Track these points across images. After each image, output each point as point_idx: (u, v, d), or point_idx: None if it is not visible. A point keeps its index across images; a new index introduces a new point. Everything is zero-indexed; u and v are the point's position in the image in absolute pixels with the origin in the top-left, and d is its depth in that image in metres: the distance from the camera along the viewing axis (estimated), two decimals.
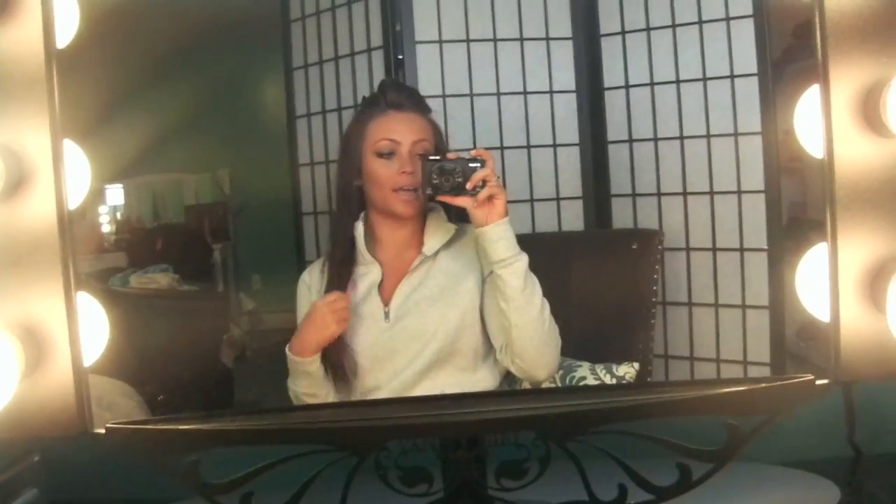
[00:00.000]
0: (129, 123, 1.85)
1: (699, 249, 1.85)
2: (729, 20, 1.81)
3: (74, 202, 1.49)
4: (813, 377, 1.47)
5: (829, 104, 1.44)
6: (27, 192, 1.44)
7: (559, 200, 1.91)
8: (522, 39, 1.91)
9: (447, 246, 1.68)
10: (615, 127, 1.90)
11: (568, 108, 1.91)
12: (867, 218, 1.45)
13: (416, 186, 1.64)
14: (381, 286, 1.68)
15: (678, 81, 1.85)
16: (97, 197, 1.87)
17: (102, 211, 1.89)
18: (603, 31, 1.90)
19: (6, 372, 1.38)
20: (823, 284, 1.48)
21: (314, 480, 1.46)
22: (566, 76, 1.91)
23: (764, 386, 1.49)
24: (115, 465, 1.72)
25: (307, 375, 1.64)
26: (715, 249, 1.84)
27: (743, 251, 1.82)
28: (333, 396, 1.66)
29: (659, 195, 1.88)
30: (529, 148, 1.90)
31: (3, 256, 1.43)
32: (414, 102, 1.71)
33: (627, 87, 1.89)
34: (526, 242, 1.62)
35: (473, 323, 1.66)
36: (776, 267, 1.75)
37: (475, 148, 1.68)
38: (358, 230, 1.68)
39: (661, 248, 1.85)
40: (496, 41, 1.90)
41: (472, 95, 1.89)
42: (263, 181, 1.93)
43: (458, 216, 1.70)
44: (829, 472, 1.68)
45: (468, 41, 1.89)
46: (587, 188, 1.91)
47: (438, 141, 1.69)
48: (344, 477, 1.46)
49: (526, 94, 1.90)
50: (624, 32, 1.89)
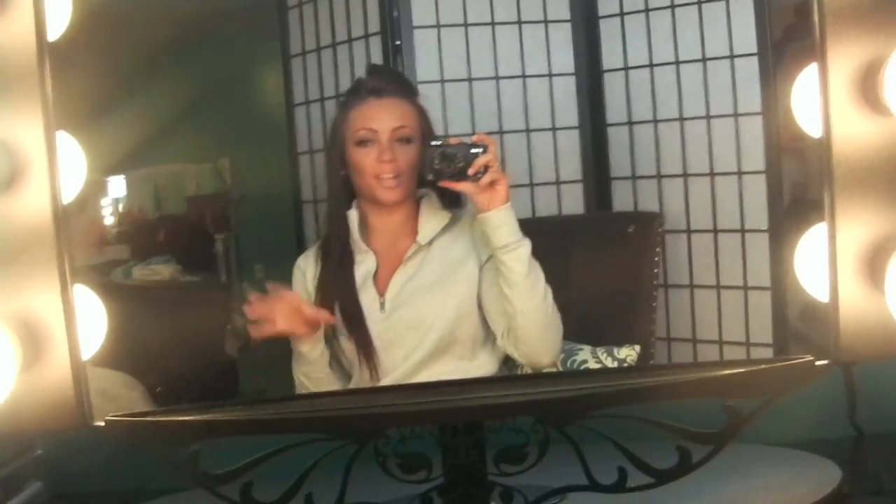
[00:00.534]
0: (128, 115, 1.84)
1: (700, 231, 1.85)
2: (728, 0, 1.80)
3: (70, 195, 1.50)
4: (812, 358, 1.47)
5: (826, 83, 1.44)
6: (22, 185, 1.44)
7: (559, 184, 1.91)
8: (520, 23, 1.89)
9: (442, 233, 1.68)
10: (614, 109, 1.89)
11: (567, 91, 1.90)
12: (866, 197, 1.44)
13: (397, 173, 1.65)
14: (375, 276, 1.69)
15: (678, 63, 1.84)
16: (98, 189, 1.87)
17: (104, 203, 1.89)
18: (601, 12, 1.89)
19: (4, 366, 1.39)
20: (822, 265, 1.48)
21: (313, 469, 1.46)
22: (565, 59, 1.90)
23: (763, 368, 1.48)
24: (117, 457, 1.73)
25: (305, 360, 1.65)
26: (716, 231, 1.84)
27: (744, 232, 1.81)
28: (336, 385, 1.67)
29: (659, 177, 1.87)
30: (529, 132, 1.90)
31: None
32: (395, 87, 1.70)
33: (626, 69, 1.88)
34: (526, 227, 1.63)
35: (471, 311, 1.66)
36: (778, 248, 1.74)
37: (474, 133, 1.68)
38: (351, 218, 1.69)
39: (661, 230, 1.85)
40: (494, 25, 1.89)
41: (470, 80, 1.88)
42: (264, 170, 1.93)
43: (450, 202, 1.70)
44: (831, 452, 1.68)
45: (466, 25, 1.88)
46: (587, 171, 1.91)
47: (424, 125, 1.69)
48: (343, 465, 1.46)
49: (525, 77, 1.90)
50: (623, 14, 1.88)
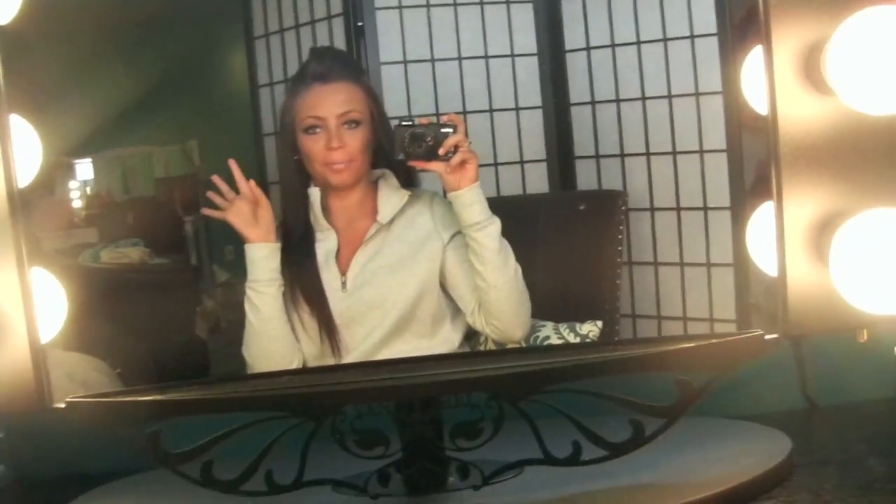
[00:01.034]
0: (94, 98, 1.86)
1: (663, 209, 1.87)
2: None
3: (26, 179, 1.52)
4: (762, 332, 1.50)
5: (771, 63, 1.47)
6: None
7: (523, 164, 1.92)
8: (483, 3, 1.91)
9: (402, 212, 1.71)
10: (577, 89, 1.91)
11: (530, 71, 1.92)
12: (811, 174, 1.48)
13: (347, 159, 1.67)
14: (337, 255, 1.71)
15: (639, 43, 1.86)
16: (66, 172, 1.88)
17: (72, 187, 1.90)
18: None
19: None
20: (772, 241, 1.51)
21: (272, 447, 1.48)
22: (527, 39, 1.91)
23: (714, 342, 1.52)
24: (80, 439, 1.76)
25: (254, 269, 1.67)
26: (679, 209, 1.86)
27: (707, 210, 1.83)
28: (283, 333, 1.69)
29: (622, 156, 1.89)
30: (492, 112, 1.91)
31: None
32: (339, 70, 1.71)
33: (589, 49, 1.90)
34: (491, 206, 1.66)
35: (432, 290, 1.69)
36: (740, 225, 1.74)
37: (437, 113, 1.71)
38: (314, 196, 1.71)
39: (625, 208, 1.87)
40: (456, 6, 1.90)
41: (433, 61, 1.90)
42: (231, 152, 1.89)
43: (407, 181, 1.73)
44: (783, 424, 1.70)
45: (428, 6, 1.90)
46: (550, 151, 1.92)
47: (372, 105, 1.70)
48: (302, 442, 1.48)
49: (487, 58, 1.91)
50: None
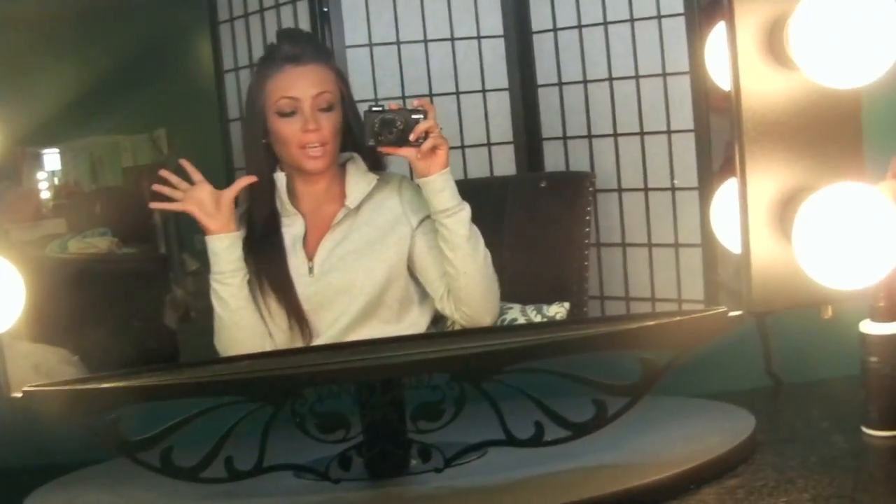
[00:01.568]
0: (59, 86, 1.83)
1: (631, 190, 1.86)
2: None
3: None
4: (726, 309, 1.51)
5: (734, 38, 1.46)
6: None
7: (490, 146, 1.91)
8: None
9: (370, 197, 1.69)
10: (544, 70, 1.89)
11: (496, 53, 1.90)
12: (775, 150, 1.48)
13: (322, 141, 1.65)
14: (304, 240, 1.69)
15: (606, 23, 1.84)
16: (33, 163, 1.86)
17: (39, 177, 1.87)
18: None
19: None
20: (736, 218, 1.51)
21: (232, 432, 1.48)
22: (493, 21, 1.89)
23: (677, 319, 1.52)
24: (41, 429, 1.71)
25: (217, 261, 1.66)
26: (647, 189, 1.85)
27: (674, 190, 1.82)
28: (254, 321, 1.68)
29: (590, 137, 1.88)
30: (459, 94, 1.89)
31: None
32: (312, 52, 1.69)
33: (555, 30, 1.88)
34: (459, 188, 1.65)
35: (400, 275, 1.68)
36: (707, 205, 1.74)
37: (403, 96, 1.69)
38: (280, 181, 1.69)
39: (592, 189, 1.86)
40: None
41: (398, 43, 1.88)
42: (198, 139, 1.91)
43: (375, 164, 1.72)
44: (748, 402, 1.71)
45: None
46: (518, 132, 1.91)
47: (343, 88, 1.69)
48: (261, 428, 1.47)
49: (453, 40, 1.89)
50: None
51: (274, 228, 1.70)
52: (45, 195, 1.88)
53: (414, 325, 1.69)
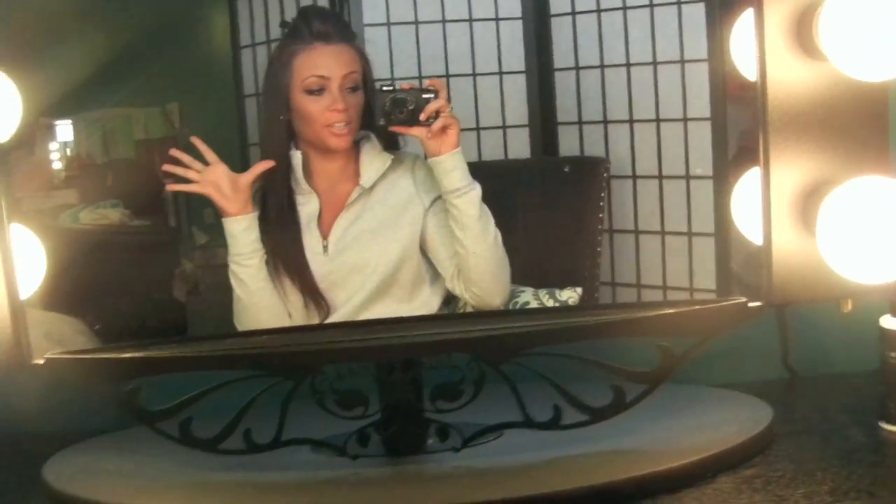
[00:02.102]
0: (75, 57, 1.83)
1: (645, 177, 1.86)
2: None
3: (5, 135, 1.50)
4: (745, 300, 1.51)
5: (762, 27, 1.46)
6: None
7: (505, 128, 1.91)
8: None
9: (384, 177, 1.70)
10: (561, 54, 1.89)
11: (514, 35, 1.90)
12: (800, 141, 1.48)
13: (348, 121, 1.65)
14: (319, 219, 1.70)
15: (625, 8, 1.84)
16: (46, 133, 1.86)
17: (52, 147, 1.87)
18: None
19: None
20: (757, 209, 1.51)
21: (251, 405, 1.49)
22: (512, 3, 1.89)
23: (697, 308, 1.53)
24: (57, 396, 1.76)
25: (234, 243, 1.66)
26: (661, 177, 1.85)
27: (689, 179, 1.82)
28: (272, 302, 1.68)
29: (605, 123, 1.88)
30: (475, 76, 1.89)
31: None
32: (340, 32, 1.69)
33: (574, 13, 1.88)
34: (473, 170, 1.65)
35: (413, 254, 1.69)
36: (722, 195, 1.75)
37: (420, 76, 1.69)
38: (296, 159, 1.69)
39: (607, 175, 1.86)
40: None
41: (416, 23, 1.87)
42: (211, 113, 1.90)
43: (390, 144, 1.72)
44: (764, 393, 1.71)
45: None
46: (533, 116, 1.91)
47: (366, 69, 1.69)
48: (281, 402, 1.48)
49: (471, 21, 1.89)
50: None
51: (289, 207, 1.70)
52: (57, 165, 1.88)
53: (426, 304, 1.70)
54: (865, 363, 1.67)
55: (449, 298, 1.73)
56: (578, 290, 1.77)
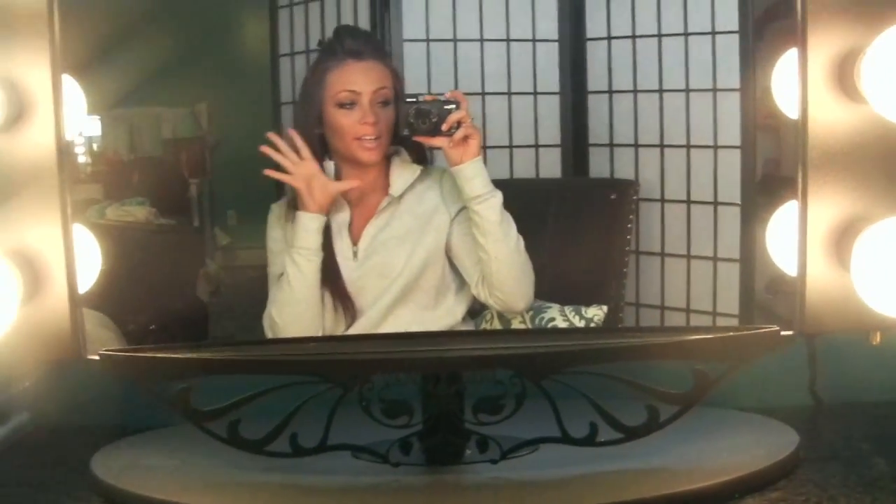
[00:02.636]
0: (108, 57, 1.89)
1: (674, 201, 1.92)
2: None
3: (71, 135, 1.57)
4: (778, 328, 1.57)
5: (805, 68, 1.53)
6: (26, 124, 1.52)
7: (538, 148, 1.98)
8: None
9: (412, 187, 1.78)
10: (596, 77, 1.95)
11: (550, 57, 1.96)
12: (837, 179, 1.55)
13: (377, 135, 1.74)
14: (350, 226, 1.78)
15: (660, 35, 1.91)
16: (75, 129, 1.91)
17: (79, 142, 1.92)
18: None
19: (6, 299, 1.47)
20: (792, 240, 1.58)
21: (299, 410, 1.55)
22: (549, 25, 1.96)
23: (732, 335, 1.58)
24: (102, 391, 1.84)
25: (299, 237, 1.73)
26: (689, 202, 1.91)
27: (717, 205, 1.89)
28: (316, 305, 1.75)
29: (636, 146, 1.94)
30: (510, 95, 1.96)
31: (2, 187, 1.52)
32: (372, 49, 1.77)
33: (609, 38, 1.94)
34: (504, 188, 1.72)
35: (437, 261, 1.77)
36: (748, 221, 1.82)
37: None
38: (329, 170, 1.77)
39: (636, 198, 1.92)
40: None
41: (455, 41, 1.95)
42: (243, 118, 1.97)
43: (419, 158, 1.80)
44: (790, 419, 1.77)
45: None
46: (566, 137, 1.97)
47: (398, 85, 1.77)
48: (328, 408, 1.54)
49: (509, 41, 1.96)
50: None
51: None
52: (83, 160, 1.93)
53: (450, 311, 1.78)
54: (891, 393, 1.74)
55: (475, 311, 1.81)
56: (604, 307, 1.83)
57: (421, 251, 1.76)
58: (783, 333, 1.57)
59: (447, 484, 1.58)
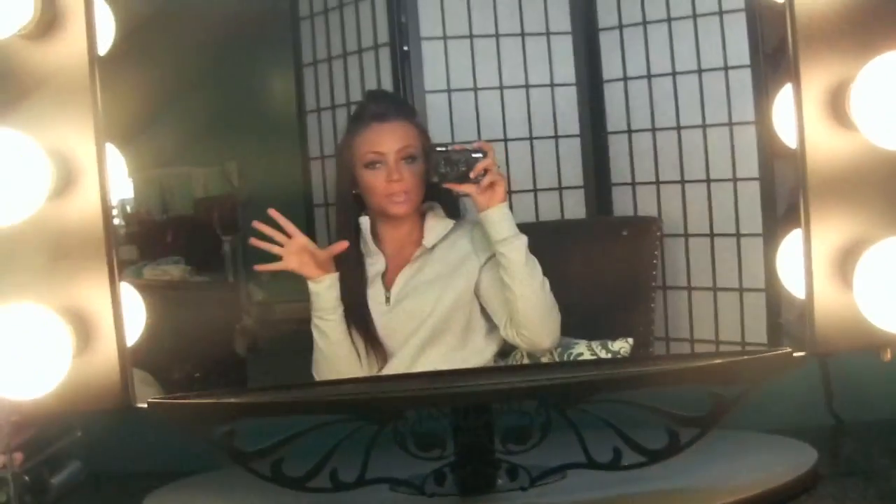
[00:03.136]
0: (143, 123, 2.00)
1: (697, 235, 2.00)
2: (722, 13, 1.96)
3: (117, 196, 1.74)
4: (790, 350, 1.68)
5: (800, 101, 1.65)
6: (75, 190, 1.67)
7: (561, 189, 2.07)
8: (524, 34, 2.06)
9: (445, 238, 1.93)
10: (614, 118, 2.05)
11: (568, 100, 2.06)
12: (838, 204, 1.66)
13: (405, 190, 1.89)
14: (384, 275, 1.94)
15: (674, 73, 2.00)
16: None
17: (114, 204, 1.98)
18: (601, 25, 2.04)
19: (60, 353, 1.62)
20: (800, 266, 1.69)
21: (338, 447, 1.69)
22: (566, 69, 2.06)
23: (745, 358, 1.71)
24: (150, 438, 1.97)
25: (317, 302, 1.87)
26: (712, 235, 1.99)
27: (739, 236, 1.97)
28: (348, 353, 1.90)
29: (658, 183, 2.03)
30: (532, 139, 2.06)
31: (54, 250, 1.68)
32: (395, 110, 1.94)
33: (625, 79, 2.04)
34: (530, 230, 1.84)
35: (465, 304, 1.91)
36: (772, 251, 1.88)
37: (479, 140, 1.91)
38: (364, 224, 1.93)
39: (660, 234, 2.01)
40: (498, 36, 2.05)
41: (475, 90, 2.06)
42: (273, 174, 2.08)
43: (452, 212, 1.95)
44: (811, 439, 1.86)
45: (471, 37, 2.05)
46: (588, 177, 2.06)
47: (425, 142, 1.91)
48: (365, 444, 1.68)
49: (528, 87, 2.06)
50: (621, 26, 2.03)
51: (358, 266, 1.94)
52: (117, 222, 2.00)
53: (479, 352, 1.91)
54: None
55: (505, 352, 1.94)
56: (629, 340, 1.94)
57: (450, 293, 1.91)
58: (795, 354, 1.68)
59: None
